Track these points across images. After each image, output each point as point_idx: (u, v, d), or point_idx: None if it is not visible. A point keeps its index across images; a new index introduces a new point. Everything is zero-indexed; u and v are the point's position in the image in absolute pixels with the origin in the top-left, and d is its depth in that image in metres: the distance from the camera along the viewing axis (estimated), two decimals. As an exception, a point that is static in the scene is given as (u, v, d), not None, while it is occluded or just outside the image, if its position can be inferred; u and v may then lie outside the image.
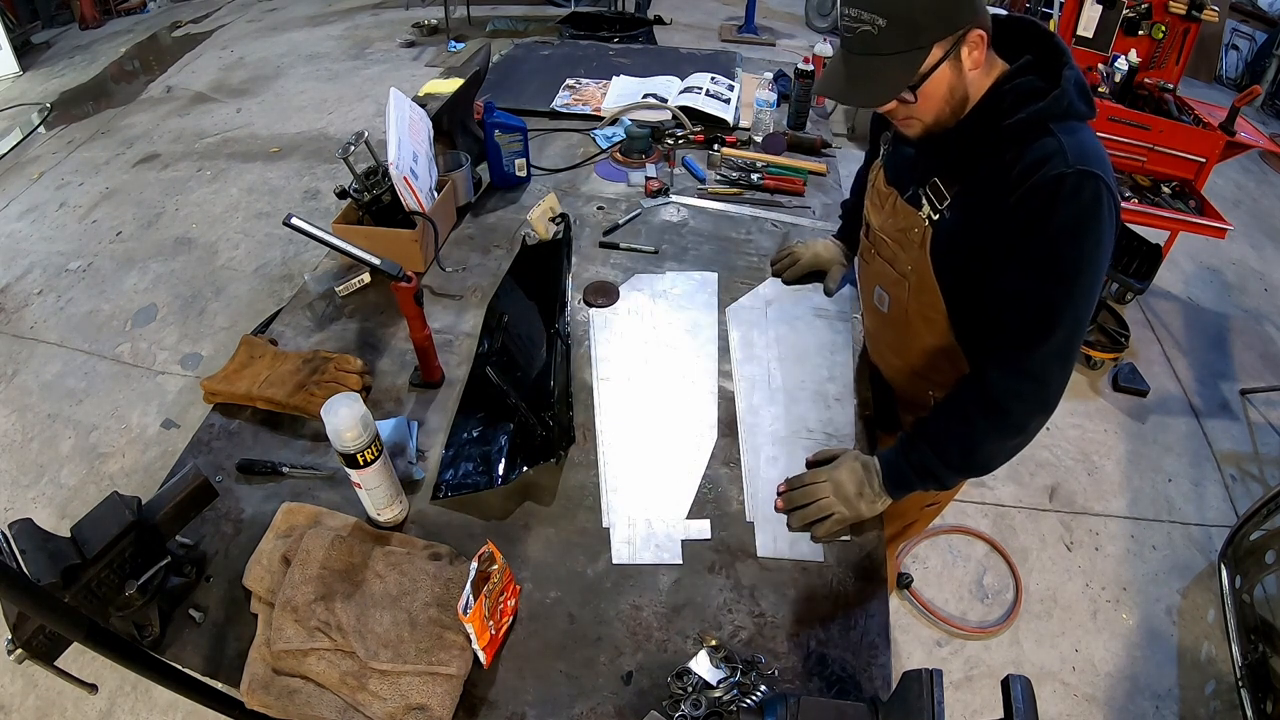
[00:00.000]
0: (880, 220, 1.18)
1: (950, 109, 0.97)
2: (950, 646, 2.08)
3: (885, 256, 1.19)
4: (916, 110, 0.97)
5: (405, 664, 0.90)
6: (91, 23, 6.12)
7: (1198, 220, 2.79)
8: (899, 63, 0.91)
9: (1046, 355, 0.95)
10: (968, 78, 0.94)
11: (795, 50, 5.44)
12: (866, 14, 0.89)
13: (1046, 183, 0.89)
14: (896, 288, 1.18)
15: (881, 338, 1.33)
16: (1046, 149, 0.90)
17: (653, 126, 2.08)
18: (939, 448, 1.06)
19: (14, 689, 1.90)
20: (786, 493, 1.13)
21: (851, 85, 0.94)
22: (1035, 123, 0.91)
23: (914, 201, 1.08)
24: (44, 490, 2.41)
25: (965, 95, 0.96)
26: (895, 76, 0.92)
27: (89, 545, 0.87)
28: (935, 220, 1.04)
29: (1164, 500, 2.51)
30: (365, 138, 1.46)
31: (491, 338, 1.41)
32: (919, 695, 0.74)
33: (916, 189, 1.07)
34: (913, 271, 1.12)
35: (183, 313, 3.11)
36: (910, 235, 1.09)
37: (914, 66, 0.90)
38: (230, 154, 4.17)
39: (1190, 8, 2.90)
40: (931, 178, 1.04)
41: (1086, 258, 0.91)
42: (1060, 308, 0.93)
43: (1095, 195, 0.88)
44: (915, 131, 1.01)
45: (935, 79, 0.92)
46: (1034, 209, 0.90)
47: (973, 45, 0.91)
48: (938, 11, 0.88)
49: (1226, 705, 1.97)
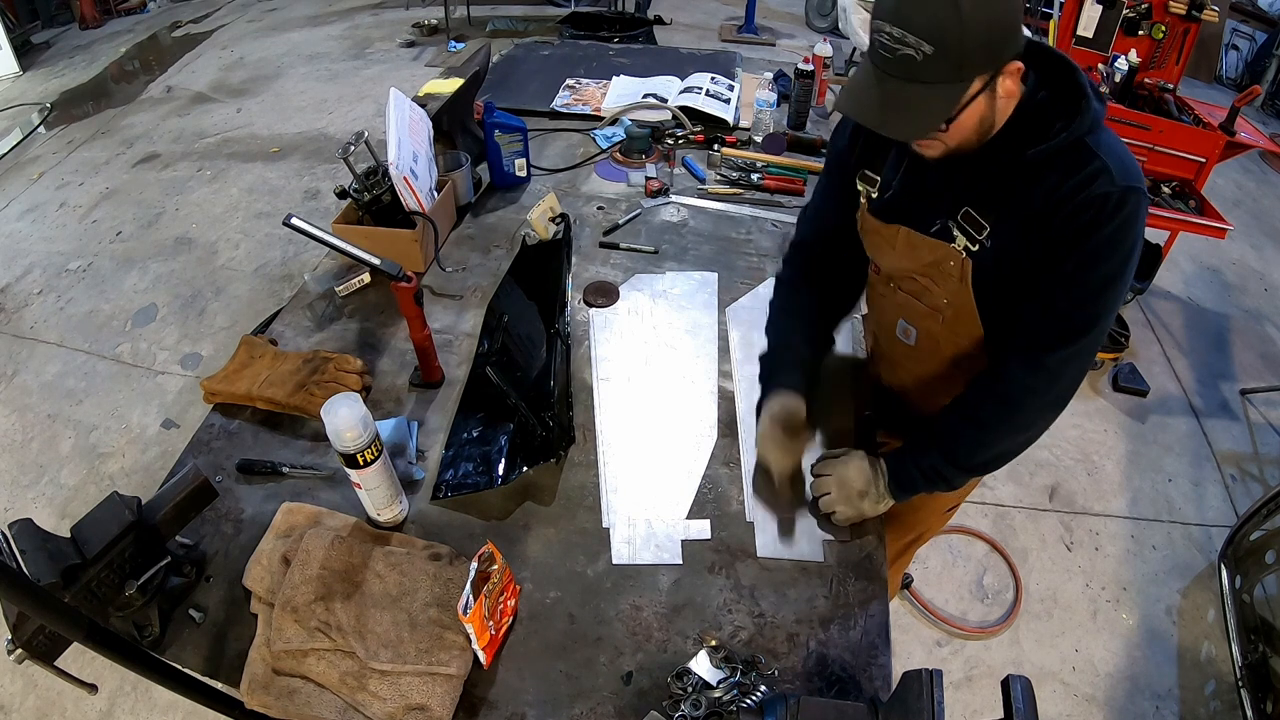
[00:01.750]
0: (894, 260, 1.12)
1: (978, 138, 0.94)
2: (950, 646, 2.08)
3: (910, 291, 1.14)
4: (942, 136, 0.93)
5: (405, 664, 0.90)
6: (91, 23, 6.11)
7: (1198, 220, 2.78)
8: (939, 93, 0.85)
9: (1066, 357, 0.97)
10: (999, 105, 0.91)
11: (795, 50, 5.43)
12: (912, 38, 0.82)
13: (1094, 200, 0.88)
14: (927, 321, 1.14)
15: (903, 366, 1.28)
16: (1092, 168, 0.89)
17: (653, 126, 2.08)
18: (947, 447, 1.06)
19: (14, 689, 1.90)
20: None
21: (887, 113, 0.88)
22: (1076, 142, 0.90)
23: (943, 235, 1.03)
24: (44, 490, 2.41)
25: (994, 123, 0.93)
26: (934, 108, 0.86)
27: (89, 545, 0.87)
28: (974, 251, 1.00)
29: (1164, 500, 2.51)
30: (365, 138, 1.46)
31: (491, 338, 1.41)
32: (919, 695, 0.74)
33: (945, 221, 1.02)
34: (949, 305, 1.08)
35: (183, 313, 3.11)
36: (945, 269, 1.04)
37: (955, 100, 0.85)
38: (230, 154, 4.17)
39: (1190, 8, 2.90)
40: (961, 208, 0.99)
41: (1119, 270, 0.92)
42: (1088, 315, 0.94)
43: (1135, 210, 0.89)
44: (935, 154, 0.97)
45: (970, 110, 0.88)
46: (1079, 224, 0.90)
47: (1010, 75, 0.88)
48: (988, 45, 0.83)
49: (1226, 705, 1.97)
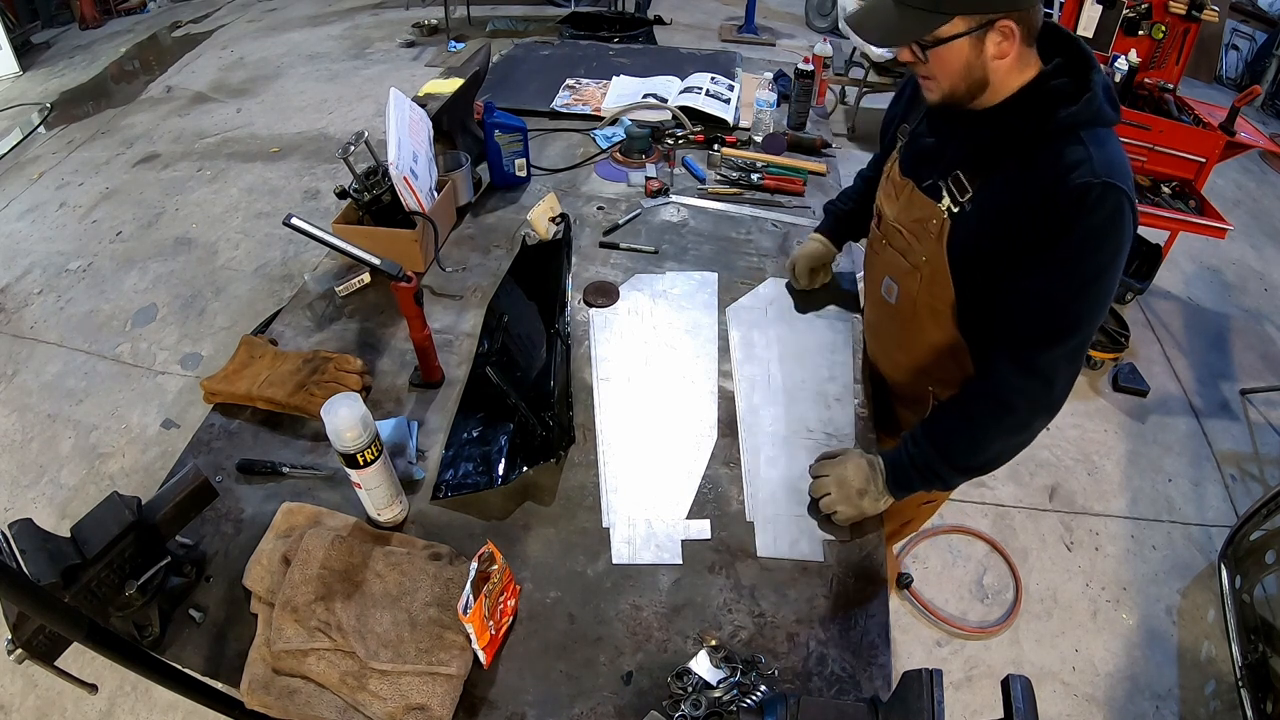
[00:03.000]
0: (895, 211, 1.18)
1: (966, 87, 0.97)
2: (950, 646, 2.08)
3: (898, 247, 1.18)
4: (932, 72, 0.97)
5: (405, 664, 0.90)
6: (91, 23, 6.11)
7: (1198, 220, 2.79)
8: (915, 17, 0.92)
9: (1057, 356, 0.97)
10: (990, 65, 0.94)
11: (795, 50, 5.44)
12: None
13: (1073, 190, 0.90)
14: (908, 279, 1.18)
15: (885, 331, 1.33)
16: (1076, 157, 0.91)
17: (653, 126, 2.08)
18: (943, 447, 1.06)
19: (14, 689, 1.90)
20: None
21: (867, 19, 0.97)
22: (1067, 128, 0.92)
23: (933, 192, 1.08)
24: (44, 490, 2.41)
25: (984, 80, 0.96)
26: (908, 28, 0.93)
27: (89, 545, 0.87)
28: (955, 213, 1.04)
29: (1164, 500, 2.51)
30: (365, 138, 1.46)
31: (491, 338, 1.41)
32: (919, 695, 0.74)
33: (937, 180, 1.07)
34: (926, 263, 1.12)
35: (183, 313, 3.11)
36: (927, 226, 1.09)
37: (929, 27, 0.91)
38: (230, 154, 4.17)
39: (1190, 8, 2.91)
40: (954, 170, 1.04)
41: (1104, 266, 0.93)
42: (1074, 312, 0.95)
43: (1117, 207, 0.90)
44: (933, 97, 1.01)
45: (952, 49, 0.93)
46: (1059, 215, 0.91)
47: (1003, 34, 0.91)
48: None
49: (1226, 705, 1.97)
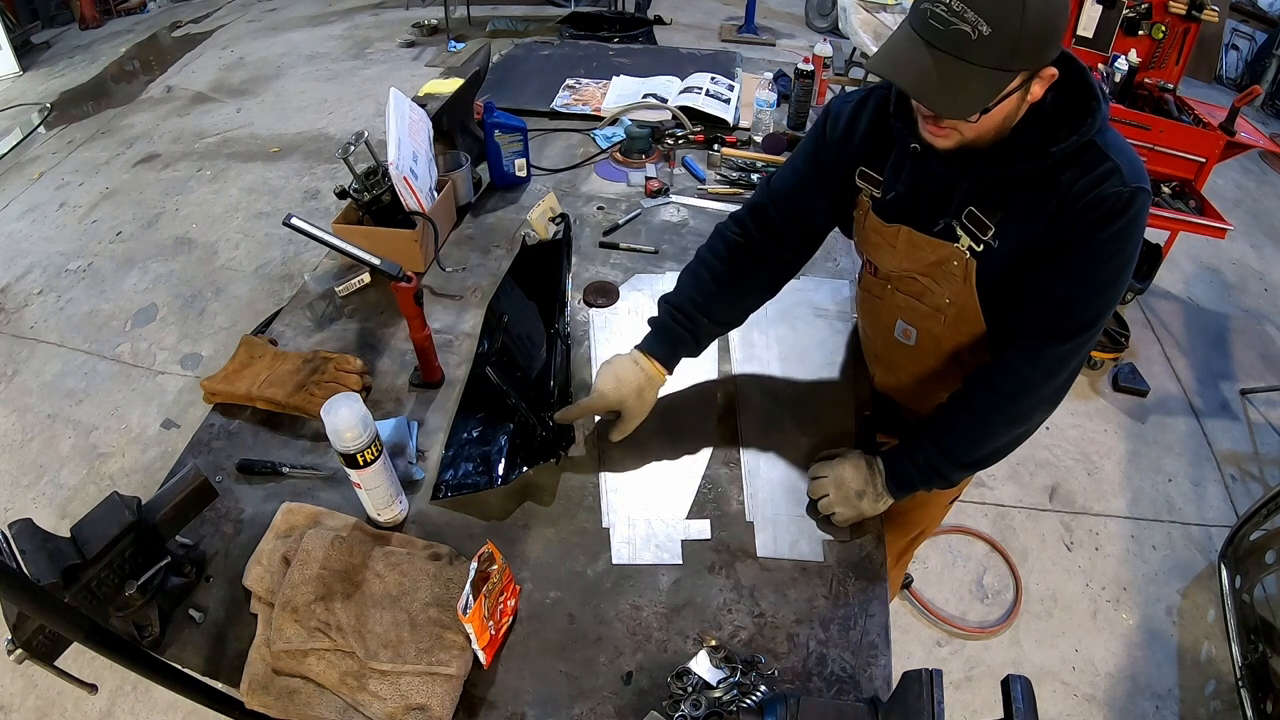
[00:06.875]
0: (895, 260, 1.12)
1: (995, 133, 0.92)
2: (950, 646, 2.08)
3: (910, 292, 1.14)
4: (966, 126, 0.89)
5: (405, 664, 0.90)
6: (91, 23, 6.10)
7: (1198, 220, 2.78)
8: (985, 79, 0.82)
9: (1063, 352, 0.98)
10: (1021, 107, 0.91)
11: (795, 50, 5.43)
12: (972, 14, 0.78)
13: (1104, 199, 0.89)
14: (928, 321, 1.14)
15: (903, 368, 1.27)
16: (1105, 169, 0.90)
17: (653, 126, 2.08)
18: (943, 443, 1.06)
19: (14, 689, 1.90)
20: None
21: (930, 84, 0.84)
22: (1088, 143, 0.91)
23: (946, 234, 1.03)
24: (44, 490, 2.41)
25: (1014, 122, 0.93)
26: (977, 91, 0.83)
27: (89, 545, 0.87)
28: (980, 252, 1.00)
29: (1164, 500, 2.51)
30: (365, 138, 1.46)
31: (491, 338, 1.40)
32: (919, 695, 0.74)
33: (949, 221, 1.01)
34: (951, 305, 1.08)
35: (183, 313, 3.11)
36: (948, 269, 1.05)
37: (999, 88, 0.83)
38: (230, 154, 4.17)
39: (1190, 8, 2.90)
40: (965, 208, 0.99)
41: (1121, 268, 0.93)
42: (1088, 311, 0.95)
43: (1142, 209, 0.90)
44: (946, 144, 0.94)
45: (1003, 104, 0.86)
46: (1088, 222, 0.90)
47: (1043, 80, 0.87)
48: (1040, 39, 0.81)
49: (1226, 705, 1.97)
